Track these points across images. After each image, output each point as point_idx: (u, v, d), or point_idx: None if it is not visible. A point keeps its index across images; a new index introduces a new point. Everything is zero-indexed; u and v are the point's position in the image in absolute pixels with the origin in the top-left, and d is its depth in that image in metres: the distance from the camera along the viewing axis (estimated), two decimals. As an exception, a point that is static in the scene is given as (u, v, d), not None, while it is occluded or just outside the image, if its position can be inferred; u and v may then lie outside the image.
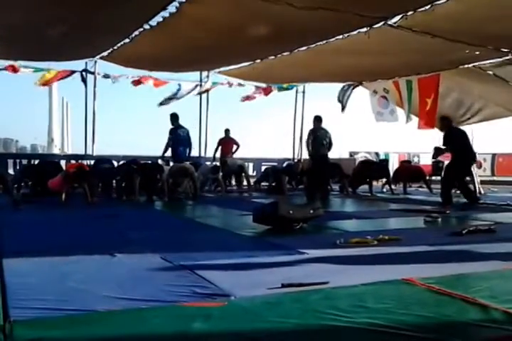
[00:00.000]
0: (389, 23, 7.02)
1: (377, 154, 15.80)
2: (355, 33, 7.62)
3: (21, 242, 4.09)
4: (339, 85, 13.09)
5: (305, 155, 13.84)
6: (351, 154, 16.03)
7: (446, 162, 12.30)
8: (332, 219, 5.70)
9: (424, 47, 8.12)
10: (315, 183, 8.98)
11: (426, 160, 14.89)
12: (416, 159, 16.25)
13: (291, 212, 4.94)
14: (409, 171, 10.91)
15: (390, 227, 5.52)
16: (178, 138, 8.62)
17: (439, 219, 5.87)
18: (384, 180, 10.90)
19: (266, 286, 2.69)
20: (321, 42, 8.31)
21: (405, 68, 10.40)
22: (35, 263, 3.33)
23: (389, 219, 6.20)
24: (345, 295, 2.51)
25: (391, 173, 10.77)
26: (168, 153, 9.07)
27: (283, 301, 2.43)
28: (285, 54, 9.33)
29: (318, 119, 9.11)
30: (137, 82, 12.02)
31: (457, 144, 7.66)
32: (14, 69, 10.60)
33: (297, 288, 2.65)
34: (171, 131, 8.65)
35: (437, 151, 8.18)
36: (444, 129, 8.02)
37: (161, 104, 12.46)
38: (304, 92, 14.36)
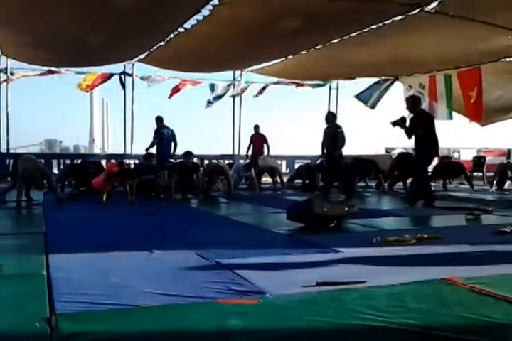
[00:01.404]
0: (425, 9, 6.83)
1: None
2: (389, 21, 7.42)
3: (65, 238, 4.22)
4: (374, 80, 12.90)
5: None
6: (387, 150, 15.75)
7: (490, 158, 11.92)
8: (368, 217, 5.60)
9: (463, 37, 7.86)
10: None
11: (466, 155, 14.49)
12: (456, 155, 15.81)
13: (325, 209, 4.89)
14: (449, 167, 10.64)
15: (429, 225, 5.41)
16: (162, 137, 9.53)
17: (482, 217, 5.68)
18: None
19: (300, 284, 2.69)
20: (354, 34, 8.14)
21: (443, 62, 10.14)
22: (78, 258, 3.44)
23: (428, 217, 6.06)
24: (382, 295, 2.48)
25: (430, 169, 10.51)
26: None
27: (318, 300, 2.41)
28: (317, 47, 9.20)
29: (335, 116, 8.86)
30: (175, 91, 12.26)
31: (427, 131, 6.78)
32: (54, 72, 11.04)
33: (333, 286, 2.63)
34: (156, 131, 9.58)
35: (400, 121, 6.89)
36: (414, 110, 7.07)
37: (208, 105, 12.75)
38: (337, 88, 14.23)
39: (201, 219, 6.01)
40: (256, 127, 11.51)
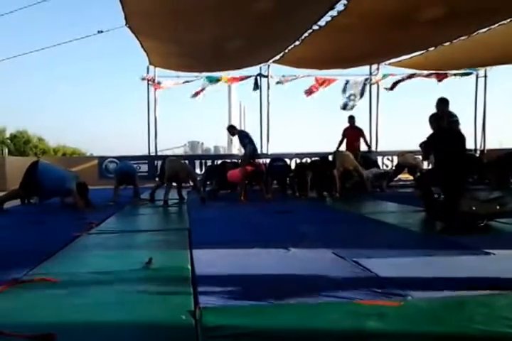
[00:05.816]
0: None
1: None
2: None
3: (208, 235, 4.49)
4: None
5: (489, 145, 12.60)
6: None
7: None
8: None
9: None
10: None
11: None
12: None
13: (473, 207, 4.54)
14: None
15: None
16: None
17: None
18: None
19: (446, 288, 2.52)
20: (504, 22, 7.41)
21: None
22: (219, 254, 3.62)
23: None
24: (541, 303, 2.21)
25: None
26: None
27: (465, 304, 2.24)
28: (462, 38, 8.57)
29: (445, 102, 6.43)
30: (309, 93, 12.35)
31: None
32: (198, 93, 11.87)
33: (483, 291, 2.43)
34: None
35: None
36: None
37: (344, 108, 12.51)
38: (485, 77, 13.03)
39: (337, 217, 5.95)
40: (350, 118, 10.26)
